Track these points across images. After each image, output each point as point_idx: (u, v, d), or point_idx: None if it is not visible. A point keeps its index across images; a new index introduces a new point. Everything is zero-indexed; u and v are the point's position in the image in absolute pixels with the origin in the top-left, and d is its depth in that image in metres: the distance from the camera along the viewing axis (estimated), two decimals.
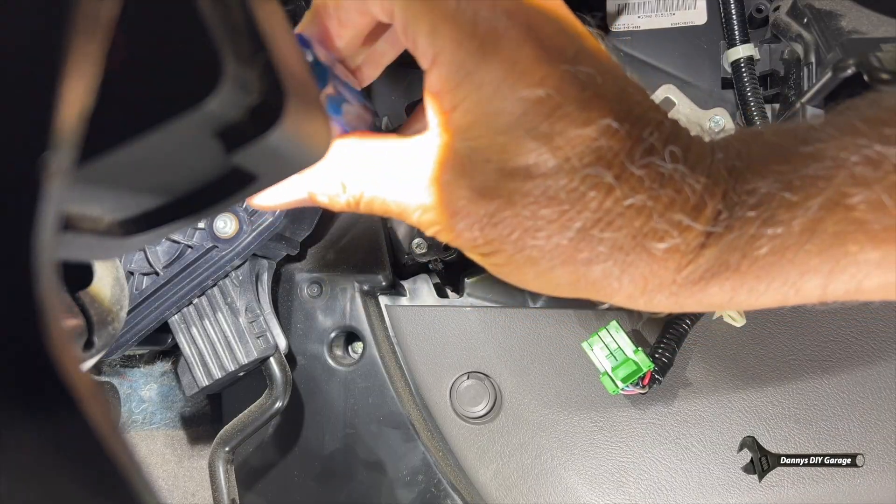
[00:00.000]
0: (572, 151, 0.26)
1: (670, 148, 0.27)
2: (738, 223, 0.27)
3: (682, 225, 0.27)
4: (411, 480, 0.71)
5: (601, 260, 0.27)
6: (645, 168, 0.26)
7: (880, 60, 0.52)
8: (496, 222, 0.28)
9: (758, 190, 0.27)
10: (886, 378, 0.63)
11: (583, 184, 0.26)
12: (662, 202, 0.27)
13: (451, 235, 0.29)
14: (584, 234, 0.27)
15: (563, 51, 0.26)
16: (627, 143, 0.26)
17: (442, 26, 0.26)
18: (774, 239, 0.27)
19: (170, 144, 0.17)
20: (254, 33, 0.18)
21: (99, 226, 0.19)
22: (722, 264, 0.27)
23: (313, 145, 0.22)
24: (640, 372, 0.62)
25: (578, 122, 0.26)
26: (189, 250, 0.68)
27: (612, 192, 0.26)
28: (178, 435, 0.86)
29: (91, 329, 0.31)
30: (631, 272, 0.28)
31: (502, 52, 0.26)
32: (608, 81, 0.27)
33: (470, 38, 0.26)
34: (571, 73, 0.26)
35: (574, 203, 0.26)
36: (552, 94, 0.26)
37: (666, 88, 0.68)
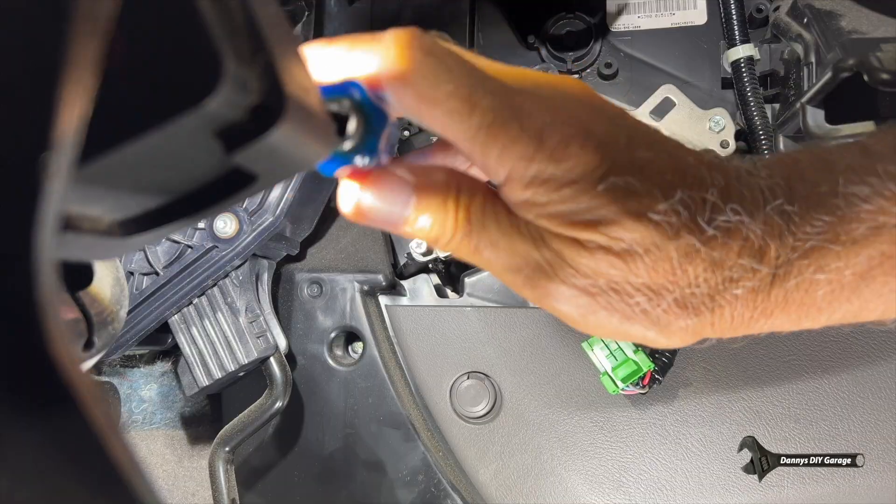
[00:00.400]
0: (667, 225, 0.29)
1: (731, 205, 0.30)
2: (796, 268, 0.30)
3: (753, 269, 0.30)
4: (411, 480, 0.71)
5: (697, 312, 0.31)
6: (716, 227, 0.29)
7: (880, 60, 0.52)
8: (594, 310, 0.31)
9: (809, 238, 0.30)
10: (886, 378, 0.63)
11: (677, 252, 0.29)
12: (734, 251, 0.30)
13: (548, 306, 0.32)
14: (681, 294, 0.30)
15: (618, 141, 0.29)
16: (697, 207, 0.29)
17: (510, 148, 0.28)
18: (831, 283, 0.30)
19: (170, 144, 0.17)
20: (254, 33, 0.18)
21: (99, 226, 0.19)
22: (789, 300, 0.31)
23: (313, 145, 0.22)
24: (640, 372, 0.62)
25: (659, 199, 0.29)
26: (189, 250, 0.68)
27: (699, 254, 0.29)
28: (178, 435, 0.86)
29: (91, 329, 0.31)
30: (720, 314, 0.31)
31: (571, 158, 0.28)
32: (661, 155, 0.30)
33: (540, 153, 0.28)
34: (633, 158, 0.29)
35: (673, 271, 0.30)
36: (629, 181, 0.28)
37: (666, 88, 0.68)
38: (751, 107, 0.66)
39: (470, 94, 0.27)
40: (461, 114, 0.27)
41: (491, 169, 0.29)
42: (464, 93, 0.27)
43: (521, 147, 0.28)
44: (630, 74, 0.73)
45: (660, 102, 0.68)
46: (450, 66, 0.27)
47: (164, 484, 0.84)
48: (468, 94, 0.27)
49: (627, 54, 0.73)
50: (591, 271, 0.30)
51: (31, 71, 0.14)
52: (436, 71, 0.27)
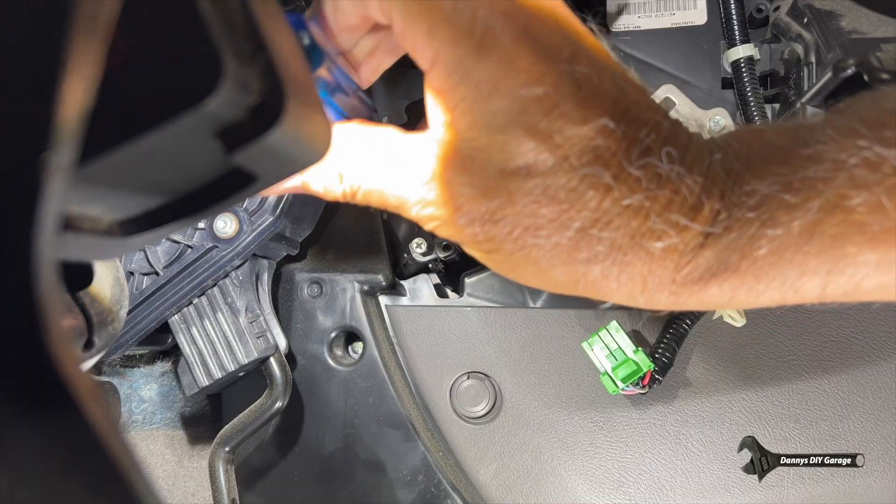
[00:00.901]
0: (570, 150, 0.26)
1: (667, 149, 0.27)
2: (738, 224, 0.27)
3: (680, 225, 0.27)
4: (411, 480, 0.71)
5: (600, 259, 0.28)
6: (642, 168, 0.27)
7: (880, 60, 0.52)
8: (497, 219, 0.28)
9: (757, 191, 0.27)
10: (886, 378, 0.63)
11: (581, 183, 0.26)
12: (660, 202, 0.27)
13: (451, 231, 0.29)
14: (583, 234, 0.27)
15: (560, 50, 0.26)
16: (624, 143, 0.26)
17: (440, 27, 0.26)
18: (774, 240, 0.27)
19: (170, 144, 0.17)
20: (254, 33, 0.18)
21: (99, 226, 0.19)
22: (721, 264, 0.28)
23: (313, 145, 0.22)
24: (640, 372, 0.62)
25: (576, 121, 0.26)
26: (189, 250, 0.68)
27: (611, 191, 0.27)
28: (178, 435, 0.86)
29: (91, 329, 0.31)
30: (629, 271, 0.28)
31: (499, 52, 0.26)
32: (605, 81, 0.27)
33: (468, 38, 0.26)
34: (568, 72, 0.26)
35: (573, 202, 0.27)
36: (550, 93, 0.26)
37: (666, 88, 0.68)
38: (751, 107, 0.66)
39: None
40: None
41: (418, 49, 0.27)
42: None
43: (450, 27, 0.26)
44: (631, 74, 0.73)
45: (660, 102, 0.68)
46: None
47: (164, 484, 0.84)
48: None
49: (627, 54, 0.73)
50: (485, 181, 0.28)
51: (31, 71, 0.14)
52: None
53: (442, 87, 0.27)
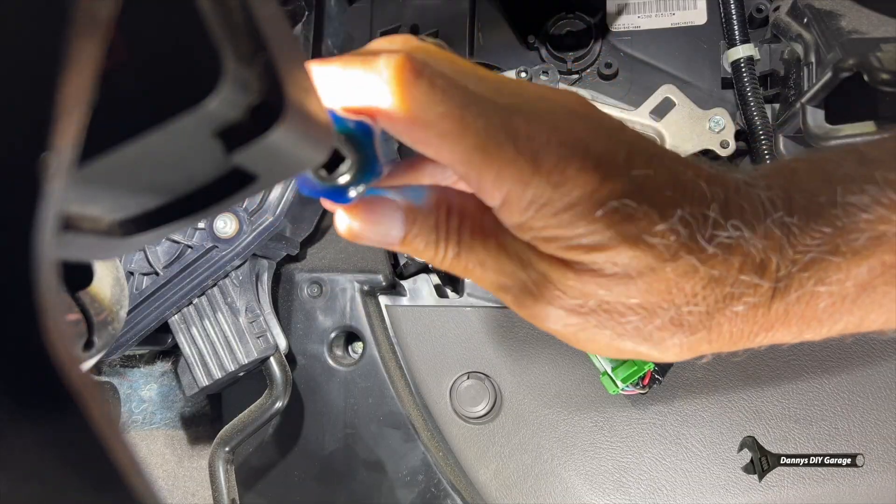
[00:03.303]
0: (662, 247, 0.28)
1: (732, 221, 0.29)
2: (797, 282, 0.30)
3: (754, 284, 0.29)
4: (411, 480, 0.71)
5: (693, 331, 0.30)
6: (716, 244, 0.29)
7: (880, 60, 0.52)
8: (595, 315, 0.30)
9: (809, 250, 0.29)
10: (886, 378, 0.63)
11: (675, 272, 0.29)
12: (735, 267, 0.29)
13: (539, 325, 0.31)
14: (677, 312, 0.29)
15: (617, 159, 0.28)
16: (695, 224, 0.29)
17: (506, 171, 0.27)
18: (832, 295, 0.30)
19: (170, 144, 0.17)
20: (254, 33, 0.18)
21: (99, 226, 0.19)
22: (790, 314, 0.30)
23: (314, 145, 0.22)
24: (640, 372, 0.62)
25: (657, 220, 0.28)
26: (189, 250, 0.68)
27: (697, 272, 0.29)
28: (178, 435, 0.86)
29: (91, 329, 0.31)
30: (719, 331, 0.30)
31: (569, 181, 0.27)
32: (660, 171, 0.29)
33: (537, 177, 0.27)
34: (630, 178, 0.28)
35: (669, 291, 0.29)
36: (627, 203, 0.28)
37: (666, 88, 0.68)
38: (751, 107, 0.66)
39: (462, 116, 0.26)
40: (454, 136, 0.26)
41: (486, 192, 0.28)
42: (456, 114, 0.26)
43: (516, 170, 0.27)
44: (630, 74, 0.73)
45: (660, 102, 0.68)
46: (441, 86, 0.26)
47: (164, 484, 0.84)
48: (460, 115, 0.26)
49: (627, 54, 0.73)
50: (580, 293, 0.29)
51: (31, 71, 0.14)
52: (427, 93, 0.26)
53: (518, 221, 0.28)
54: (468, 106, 0.27)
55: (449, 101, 0.26)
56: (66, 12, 0.14)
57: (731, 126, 0.67)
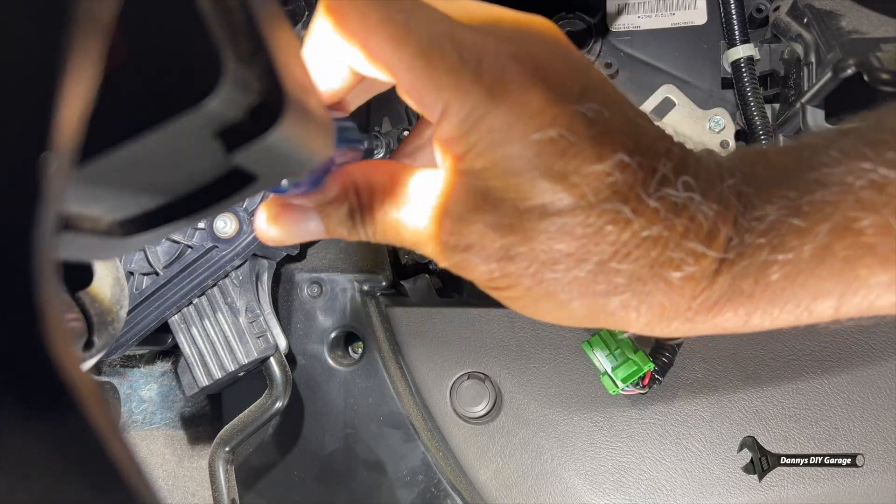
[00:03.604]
0: (588, 188, 0.26)
1: (683, 178, 0.27)
2: (749, 250, 0.27)
3: (697, 252, 0.27)
4: (411, 480, 0.71)
5: (619, 291, 0.28)
6: (660, 199, 0.27)
7: (880, 60, 0.52)
8: (512, 256, 0.28)
9: (767, 216, 0.27)
10: (886, 378, 0.63)
11: (600, 219, 0.26)
12: (678, 231, 0.27)
13: (465, 269, 0.29)
14: (602, 267, 0.27)
15: (570, 89, 0.26)
16: (641, 175, 0.26)
17: (446, 79, 0.26)
18: (785, 265, 0.27)
19: (170, 144, 0.17)
20: (254, 33, 0.18)
21: (99, 226, 0.19)
22: (735, 290, 0.28)
23: (313, 145, 0.22)
24: (640, 372, 0.62)
25: (592, 159, 0.26)
26: (189, 250, 0.68)
27: (630, 224, 0.26)
28: (178, 435, 0.86)
29: (91, 329, 0.31)
30: (649, 301, 0.28)
31: (510, 97, 0.26)
32: (616, 115, 0.27)
33: (477, 87, 0.26)
34: (580, 111, 0.26)
35: (591, 237, 0.27)
36: (564, 134, 0.26)
37: (666, 88, 0.68)
38: (751, 107, 0.66)
39: (406, 20, 0.25)
40: (396, 40, 0.25)
41: (426, 103, 0.27)
42: (398, 18, 0.25)
43: (457, 78, 0.25)
44: (630, 74, 0.73)
45: (660, 102, 0.68)
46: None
47: (164, 484, 0.84)
48: (403, 19, 0.25)
49: (627, 54, 0.73)
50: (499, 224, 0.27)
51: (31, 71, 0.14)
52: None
53: (452, 135, 0.27)
54: (412, 11, 0.26)
55: (392, 5, 0.25)
56: (67, 12, 0.14)
57: (731, 126, 0.67)
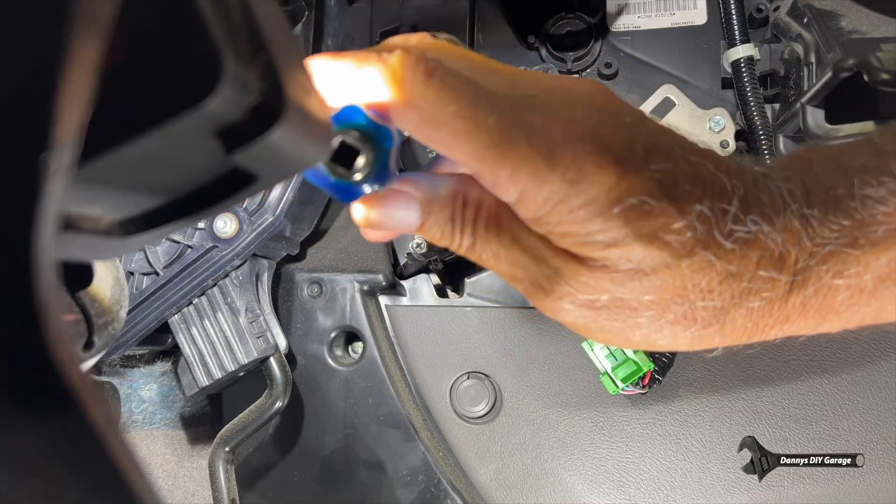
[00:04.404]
0: (678, 244, 0.28)
1: (751, 216, 0.28)
2: (815, 274, 0.29)
3: (772, 279, 0.29)
4: (411, 480, 0.71)
5: (706, 325, 0.30)
6: (735, 240, 0.28)
7: (880, 60, 0.52)
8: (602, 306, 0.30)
9: (827, 244, 0.29)
10: (886, 378, 0.63)
11: (689, 269, 0.28)
12: (753, 262, 0.29)
13: (557, 314, 0.31)
14: (691, 308, 0.29)
15: (636, 153, 0.28)
16: (715, 220, 0.28)
17: (521, 168, 0.27)
18: (849, 288, 0.29)
19: (170, 144, 0.17)
20: (254, 33, 0.18)
21: (99, 226, 0.19)
22: (806, 306, 0.30)
23: (313, 145, 0.22)
24: (640, 372, 0.62)
25: (675, 216, 0.27)
26: (189, 250, 0.68)
27: (713, 267, 0.28)
28: (178, 435, 0.86)
29: (91, 329, 0.31)
30: (733, 325, 0.30)
31: (586, 178, 0.27)
32: (679, 164, 0.28)
33: (552, 174, 0.27)
34: (649, 174, 0.27)
35: (683, 287, 0.29)
36: (645, 200, 0.27)
37: (666, 88, 0.68)
38: (751, 107, 0.66)
39: (474, 114, 0.26)
40: (467, 134, 0.26)
41: (502, 188, 0.28)
42: (468, 112, 0.26)
43: (531, 167, 0.27)
44: (630, 74, 0.73)
45: (660, 102, 0.68)
46: (453, 85, 0.26)
47: (164, 484, 0.84)
48: (472, 113, 0.26)
49: (627, 54, 0.73)
50: (592, 289, 0.29)
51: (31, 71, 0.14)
52: (439, 92, 0.26)
53: (533, 217, 0.28)
54: (480, 103, 0.26)
55: (461, 99, 0.26)
56: (66, 12, 0.14)
57: (731, 126, 0.67)
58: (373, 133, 0.28)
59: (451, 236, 0.31)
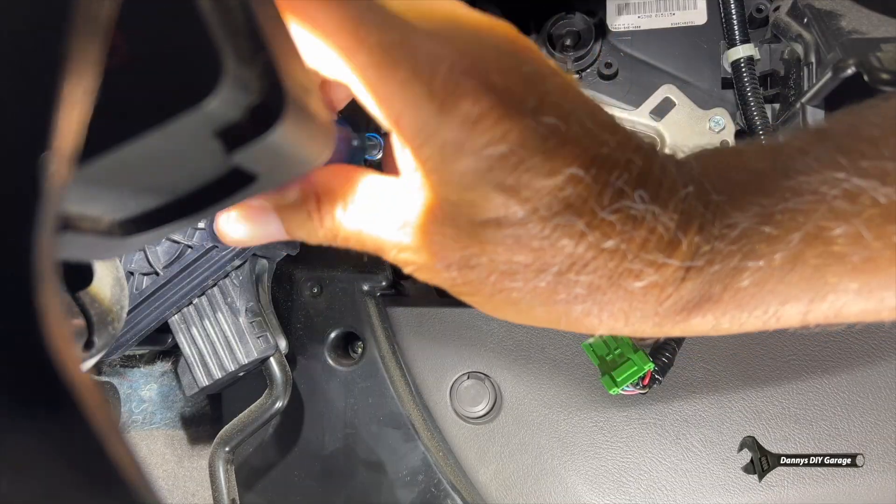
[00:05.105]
0: (540, 202, 0.26)
1: (639, 192, 0.27)
2: (719, 257, 0.27)
3: (658, 262, 0.27)
4: (411, 480, 0.71)
5: (580, 300, 0.28)
6: (615, 213, 0.27)
7: (880, 60, 0.52)
8: (472, 265, 0.28)
9: (738, 224, 0.27)
10: (886, 378, 0.63)
11: (554, 231, 0.27)
12: (636, 243, 0.27)
13: (428, 275, 0.30)
14: (560, 278, 0.28)
15: (524, 101, 0.26)
16: (595, 188, 0.26)
17: (400, 91, 0.25)
18: (756, 272, 0.27)
19: (170, 144, 0.17)
20: (254, 33, 0.18)
21: (99, 226, 0.19)
22: (704, 295, 0.28)
23: (314, 145, 0.22)
24: (640, 372, 0.62)
25: (543, 173, 0.26)
26: (189, 250, 0.68)
27: (585, 237, 0.27)
28: (178, 435, 0.86)
29: (91, 329, 0.31)
30: (610, 308, 0.28)
31: (461, 111, 0.25)
32: (573, 126, 0.27)
33: (429, 101, 0.25)
34: (533, 125, 0.26)
35: (547, 249, 0.27)
36: (515, 149, 0.26)
37: (666, 88, 0.68)
38: (751, 107, 0.66)
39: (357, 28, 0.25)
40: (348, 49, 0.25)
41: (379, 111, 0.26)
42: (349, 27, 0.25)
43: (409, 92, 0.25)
44: (630, 74, 0.73)
45: (660, 102, 0.68)
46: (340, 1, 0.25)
47: (164, 484, 0.84)
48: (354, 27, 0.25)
49: (627, 54, 0.73)
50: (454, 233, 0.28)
51: (31, 71, 0.14)
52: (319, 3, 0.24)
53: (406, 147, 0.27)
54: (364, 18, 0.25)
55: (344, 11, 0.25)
56: (66, 12, 0.14)
57: (731, 126, 0.67)
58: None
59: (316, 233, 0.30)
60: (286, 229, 0.31)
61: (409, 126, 0.26)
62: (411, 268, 0.30)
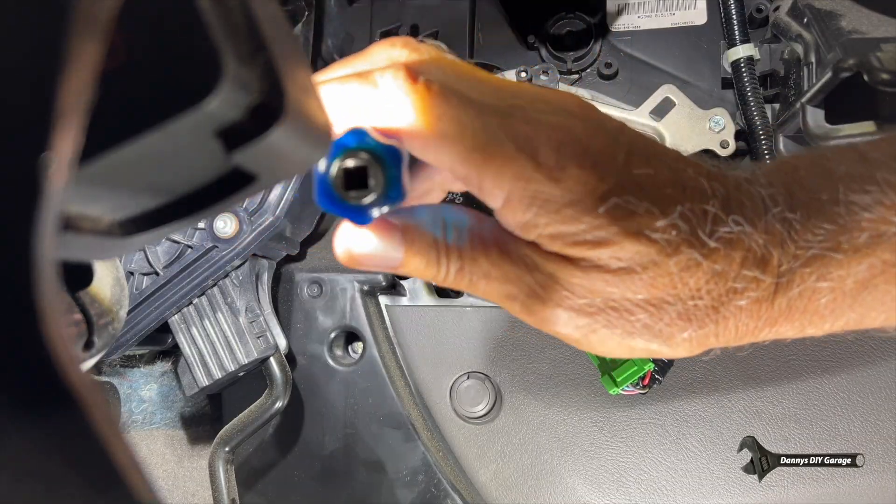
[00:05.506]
0: (664, 241, 0.29)
1: (733, 216, 0.29)
2: (799, 277, 0.30)
3: (757, 279, 0.30)
4: (411, 480, 0.71)
5: (701, 325, 0.31)
6: (719, 239, 0.29)
7: (880, 60, 0.52)
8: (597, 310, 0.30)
9: (810, 246, 0.30)
10: (886, 378, 0.63)
11: (677, 266, 0.29)
12: (737, 262, 0.29)
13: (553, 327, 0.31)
14: (684, 306, 0.30)
15: (615, 158, 0.28)
16: (699, 220, 0.29)
17: (506, 169, 0.27)
18: (832, 291, 0.30)
19: (170, 144, 0.17)
20: (254, 33, 0.18)
21: (99, 226, 0.19)
22: (792, 308, 0.31)
23: (314, 145, 0.22)
24: (640, 372, 0.62)
25: (659, 215, 0.28)
26: (189, 250, 0.68)
27: (700, 266, 0.29)
28: (178, 435, 0.86)
29: (91, 329, 0.31)
30: (725, 325, 0.31)
31: (570, 179, 0.27)
32: (660, 168, 0.29)
33: (537, 174, 0.27)
34: (630, 178, 0.28)
35: (674, 286, 0.29)
36: (628, 200, 0.28)
37: (666, 88, 0.68)
38: (751, 107, 0.66)
39: (459, 117, 0.27)
40: (452, 138, 0.27)
41: (487, 192, 0.28)
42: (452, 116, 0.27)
43: (517, 167, 0.27)
44: (630, 74, 0.73)
45: (660, 102, 0.68)
46: (437, 91, 0.27)
47: (164, 484, 0.84)
48: (457, 116, 0.27)
49: (627, 54, 0.73)
50: (587, 291, 0.29)
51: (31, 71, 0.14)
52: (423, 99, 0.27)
53: (520, 219, 0.29)
54: (465, 107, 0.27)
55: (445, 103, 0.27)
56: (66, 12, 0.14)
57: (731, 126, 0.67)
58: (381, 153, 0.28)
59: (437, 263, 0.30)
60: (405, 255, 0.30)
61: (520, 200, 0.28)
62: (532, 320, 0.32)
